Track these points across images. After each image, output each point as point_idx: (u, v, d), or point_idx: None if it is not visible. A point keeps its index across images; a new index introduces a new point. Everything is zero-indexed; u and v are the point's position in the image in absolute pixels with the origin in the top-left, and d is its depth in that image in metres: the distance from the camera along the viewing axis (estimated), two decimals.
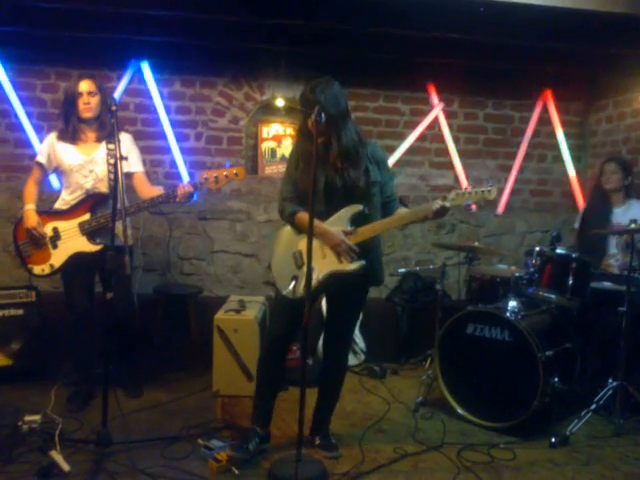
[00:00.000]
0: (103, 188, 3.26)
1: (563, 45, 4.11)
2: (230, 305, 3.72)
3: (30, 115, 4.40)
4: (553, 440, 3.03)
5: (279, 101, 4.71)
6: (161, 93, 4.52)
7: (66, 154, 3.27)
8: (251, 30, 4.07)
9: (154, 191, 3.33)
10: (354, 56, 4.55)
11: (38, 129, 4.39)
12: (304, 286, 2.47)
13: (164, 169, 4.59)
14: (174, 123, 4.56)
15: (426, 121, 4.84)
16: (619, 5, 3.51)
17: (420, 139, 4.86)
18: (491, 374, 3.25)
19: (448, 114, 4.89)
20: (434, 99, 4.84)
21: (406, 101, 4.84)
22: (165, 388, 3.62)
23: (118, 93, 4.42)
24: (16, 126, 4.39)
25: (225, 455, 2.65)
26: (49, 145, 3.33)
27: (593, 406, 3.19)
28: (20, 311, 3.68)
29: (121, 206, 2.73)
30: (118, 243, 2.79)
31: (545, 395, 3.12)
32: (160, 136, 4.54)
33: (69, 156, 3.27)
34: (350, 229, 2.60)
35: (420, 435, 3.11)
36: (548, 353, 3.13)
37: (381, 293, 4.63)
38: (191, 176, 4.56)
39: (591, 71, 4.87)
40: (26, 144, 4.39)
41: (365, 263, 2.59)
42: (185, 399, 3.49)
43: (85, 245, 3.22)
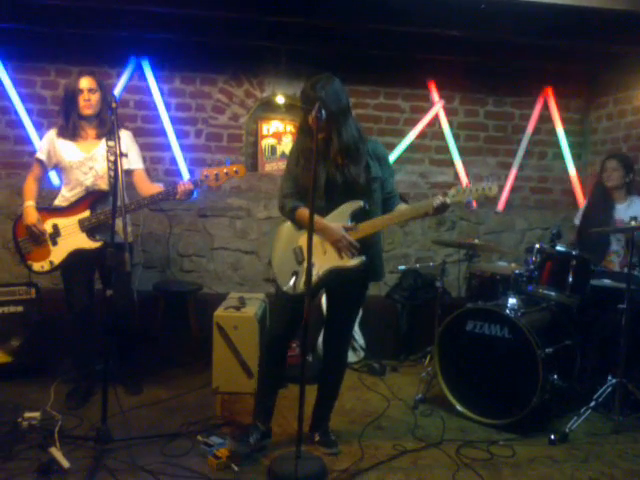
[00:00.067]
0: (103, 185, 3.26)
1: (564, 42, 4.10)
2: (230, 302, 3.71)
3: (30, 112, 4.39)
4: (552, 437, 3.03)
5: (279, 98, 4.71)
6: (161, 90, 4.51)
7: (66, 151, 3.27)
8: (251, 27, 4.06)
9: (154, 188, 3.33)
10: (354, 53, 4.54)
11: (38, 126, 4.39)
12: (304, 282, 2.47)
13: (164, 166, 4.58)
14: (174, 120, 4.55)
15: (426, 118, 4.83)
16: (619, 2, 3.50)
17: (420, 136, 4.85)
18: (491, 371, 3.25)
19: (448, 111, 4.87)
20: (434, 96, 4.83)
21: (406, 98, 4.82)
22: (165, 385, 3.63)
23: (118, 90, 4.41)
24: (16, 123, 4.39)
25: (225, 452, 2.66)
26: (49, 142, 3.33)
27: (592, 403, 3.19)
28: (20, 308, 3.68)
29: (121, 203, 2.72)
30: (118, 240, 2.80)
31: (544, 392, 3.12)
32: (160, 133, 4.53)
33: (69, 153, 3.27)
34: (351, 225, 2.60)
35: (419, 432, 3.12)
36: (548, 350, 3.14)
37: (381, 290, 4.64)
38: (191, 173, 4.56)
39: (592, 68, 4.86)
40: (26, 141, 4.39)
41: (365, 259, 2.60)
42: (185, 396, 3.50)
43: (85, 242, 3.22)
